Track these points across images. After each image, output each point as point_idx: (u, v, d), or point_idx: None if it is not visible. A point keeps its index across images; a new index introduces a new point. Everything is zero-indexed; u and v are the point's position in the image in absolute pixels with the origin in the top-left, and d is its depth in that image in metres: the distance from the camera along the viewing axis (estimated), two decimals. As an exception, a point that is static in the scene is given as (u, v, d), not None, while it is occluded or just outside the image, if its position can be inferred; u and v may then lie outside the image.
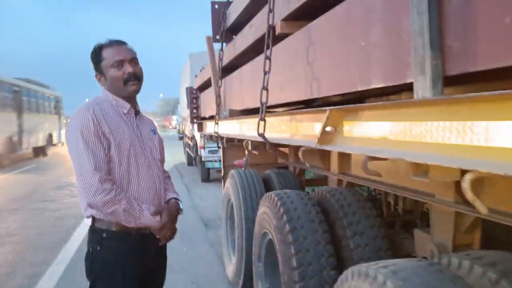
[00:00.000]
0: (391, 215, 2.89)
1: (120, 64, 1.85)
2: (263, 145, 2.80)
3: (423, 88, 1.13)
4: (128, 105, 1.93)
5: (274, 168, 3.98)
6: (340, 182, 2.88)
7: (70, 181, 11.07)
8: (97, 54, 1.90)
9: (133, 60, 1.90)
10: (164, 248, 2.05)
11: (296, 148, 2.42)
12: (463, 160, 0.94)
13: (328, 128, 1.62)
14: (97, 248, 1.85)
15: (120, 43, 1.91)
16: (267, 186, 3.81)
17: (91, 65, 1.96)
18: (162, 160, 2.05)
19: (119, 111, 1.91)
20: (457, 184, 1.31)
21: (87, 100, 1.96)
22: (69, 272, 4.48)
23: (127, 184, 1.84)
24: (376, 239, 2.35)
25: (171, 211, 1.97)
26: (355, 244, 2.31)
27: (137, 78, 1.90)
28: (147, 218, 1.82)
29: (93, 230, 1.89)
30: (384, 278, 1.32)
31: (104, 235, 1.84)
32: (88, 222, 1.96)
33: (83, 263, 1.93)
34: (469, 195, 0.99)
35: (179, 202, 2.09)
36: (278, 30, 2.41)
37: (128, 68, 1.86)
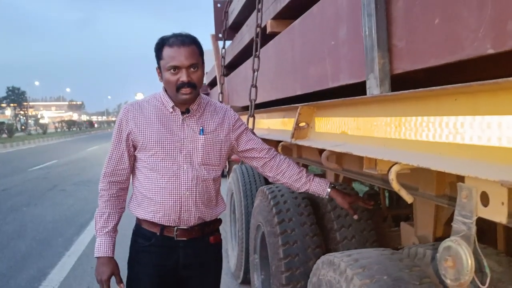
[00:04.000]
0: (386, 209, 2.94)
1: (175, 69, 1.68)
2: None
3: (372, 86, 1.19)
4: (171, 103, 1.78)
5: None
6: (337, 177, 2.94)
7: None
8: (158, 50, 1.72)
9: (192, 66, 1.70)
10: (199, 250, 1.94)
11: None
12: (395, 153, 1.00)
13: (301, 124, 1.69)
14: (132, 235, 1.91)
15: (182, 44, 1.69)
16: (268, 181, 3.88)
17: (114, 69, 1.84)
18: (207, 163, 1.82)
19: (162, 110, 1.79)
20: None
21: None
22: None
23: (148, 185, 1.79)
24: (363, 231, 2.41)
25: (114, 271, 1.84)
26: (342, 236, 2.38)
27: (191, 86, 1.71)
28: (96, 243, 1.83)
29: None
30: (346, 266, 1.40)
31: (134, 228, 1.89)
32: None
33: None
34: (395, 185, 1.06)
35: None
36: (268, 29, 2.48)
37: (183, 76, 1.68)
